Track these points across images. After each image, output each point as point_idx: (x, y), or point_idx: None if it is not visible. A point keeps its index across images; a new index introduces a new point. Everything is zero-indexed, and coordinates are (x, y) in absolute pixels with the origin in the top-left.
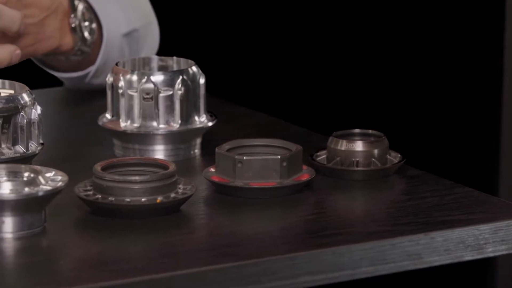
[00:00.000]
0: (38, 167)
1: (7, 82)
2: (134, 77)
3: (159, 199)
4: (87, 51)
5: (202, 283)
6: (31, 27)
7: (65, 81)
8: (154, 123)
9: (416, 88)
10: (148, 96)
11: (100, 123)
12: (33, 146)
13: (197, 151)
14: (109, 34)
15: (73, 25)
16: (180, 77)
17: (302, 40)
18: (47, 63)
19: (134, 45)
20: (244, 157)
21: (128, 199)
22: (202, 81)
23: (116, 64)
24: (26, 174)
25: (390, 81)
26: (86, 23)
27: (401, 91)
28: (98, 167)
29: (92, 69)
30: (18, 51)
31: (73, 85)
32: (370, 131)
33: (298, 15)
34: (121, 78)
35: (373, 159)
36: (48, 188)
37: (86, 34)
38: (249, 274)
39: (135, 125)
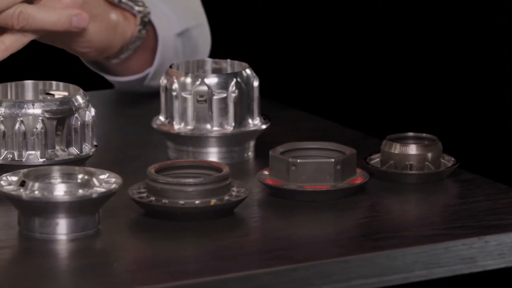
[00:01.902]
0: (92, 169)
1: (61, 84)
2: (188, 80)
3: (213, 201)
4: (131, 48)
5: (255, 286)
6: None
7: (123, 86)
8: (208, 126)
9: (471, 91)
10: (202, 99)
11: (154, 125)
12: (87, 148)
13: (250, 153)
14: (162, 33)
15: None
16: (234, 79)
17: (359, 44)
18: (108, 68)
19: (188, 45)
20: (298, 160)
21: (182, 202)
22: (256, 83)
23: (170, 67)
24: (80, 176)
25: (445, 84)
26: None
27: (455, 94)
28: (152, 169)
29: (150, 70)
30: (84, 15)
31: (129, 88)
32: (424, 135)
33: (354, 18)
34: (175, 80)
35: (426, 162)
36: (102, 190)
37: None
38: (303, 277)
39: (189, 127)
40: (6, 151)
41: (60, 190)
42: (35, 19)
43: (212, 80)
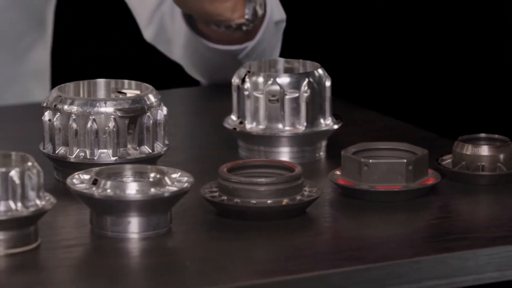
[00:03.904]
0: (164, 168)
1: (133, 82)
2: (260, 79)
3: (285, 201)
4: (244, 29)
5: (327, 286)
6: None
7: (210, 62)
8: (280, 125)
9: None
10: (274, 98)
11: (225, 124)
12: (159, 147)
13: (322, 153)
14: (269, 13)
15: None
16: (306, 79)
17: (431, 44)
18: (204, 33)
19: (279, 36)
20: (370, 160)
21: (254, 201)
22: (328, 83)
23: (243, 66)
24: (152, 175)
25: None
26: None
27: None
28: (224, 168)
29: (250, 44)
30: None
31: (216, 66)
32: (496, 136)
33: (427, 18)
34: (247, 80)
35: (499, 164)
36: (174, 189)
37: (257, 7)
38: (374, 277)
39: (261, 127)
40: (78, 149)
41: (132, 189)
42: None
43: (284, 79)
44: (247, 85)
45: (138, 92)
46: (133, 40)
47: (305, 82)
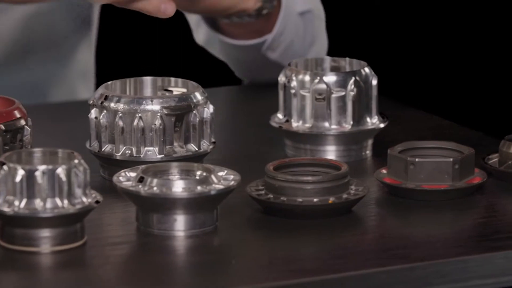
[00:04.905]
0: (210, 166)
1: (180, 80)
2: (307, 78)
3: (331, 199)
4: (265, 12)
5: (372, 284)
6: None
7: (239, 57)
8: (326, 124)
9: None
10: (320, 97)
11: (272, 123)
12: (205, 145)
13: (368, 152)
14: (287, 5)
15: None
16: (353, 78)
17: (478, 44)
18: (224, 30)
19: (309, 27)
20: (417, 159)
21: (300, 199)
22: (374, 82)
23: (289, 65)
24: (198, 173)
25: None
26: None
27: None
28: (270, 167)
29: (269, 36)
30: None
31: (246, 63)
32: None
33: (475, 18)
34: (294, 78)
35: None
36: (221, 187)
37: None
38: (420, 276)
39: (307, 125)
40: (124, 147)
41: (178, 187)
42: None
43: (330, 78)
44: (294, 83)
45: (184, 90)
46: (179, 38)
47: (352, 81)
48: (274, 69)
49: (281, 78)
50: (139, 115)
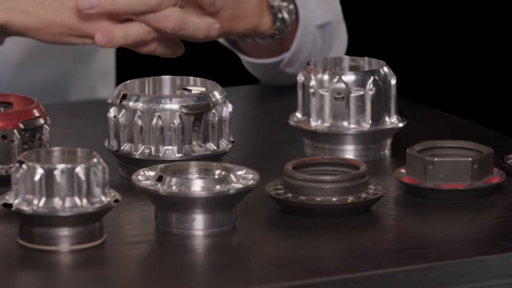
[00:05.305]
0: (229, 165)
1: (198, 79)
2: (326, 77)
3: (350, 199)
4: (284, 33)
5: (391, 284)
6: (229, 2)
7: (258, 70)
8: (345, 123)
9: None
10: (339, 96)
11: (290, 122)
12: (224, 144)
13: (387, 151)
14: (305, 19)
15: (271, 4)
16: (372, 77)
17: (496, 43)
18: (242, 48)
19: (327, 38)
20: (435, 159)
21: (319, 199)
22: (393, 81)
23: (308, 64)
24: (217, 172)
25: None
26: (285, 3)
27: None
28: (289, 166)
29: (287, 55)
30: (217, 25)
31: (266, 73)
32: None
33: (493, 18)
34: (313, 77)
35: None
36: (240, 186)
37: (285, 14)
38: (439, 276)
39: (326, 124)
40: (143, 146)
41: (197, 186)
42: (187, 25)
43: (349, 77)
44: (312, 82)
45: (203, 89)
46: None
47: (371, 80)
48: (292, 78)
49: (300, 78)
50: (158, 114)
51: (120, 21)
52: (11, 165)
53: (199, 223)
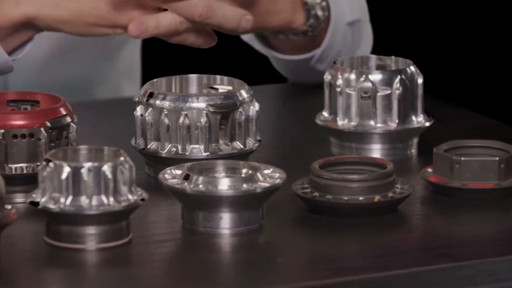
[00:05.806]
0: (256, 164)
1: (225, 78)
2: (352, 76)
3: (377, 198)
4: (317, 30)
5: (418, 283)
6: None
7: (287, 67)
8: (372, 122)
9: None
10: (366, 95)
11: (317, 121)
12: (251, 143)
13: (413, 151)
14: (336, 15)
15: (305, 1)
16: (399, 76)
17: None
18: (273, 45)
19: (356, 36)
20: (462, 158)
21: (345, 198)
22: (420, 81)
23: (334, 63)
24: (244, 171)
25: None
26: (318, 0)
27: None
28: (316, 165)
29: (318, 51)
30: (250, 17)
31: (295, 71)
32: None
33: None
34: (339, 76)
35: None
36: (266, 185)
37: (318, 11)
38: (466, 275)
39: (353, 123)
40: (170, 145)
41: (224, 184)
42: (215, 13)
43: (376, 76)
44: (339, 81)
45: (230, 87)
46: (225, 35)
47: (397, 79)
48: (321, 75)
49: (327, 76)
50: (185, 112)
51: (150, 10)
52: (38, 163)
53: (225, 221)
